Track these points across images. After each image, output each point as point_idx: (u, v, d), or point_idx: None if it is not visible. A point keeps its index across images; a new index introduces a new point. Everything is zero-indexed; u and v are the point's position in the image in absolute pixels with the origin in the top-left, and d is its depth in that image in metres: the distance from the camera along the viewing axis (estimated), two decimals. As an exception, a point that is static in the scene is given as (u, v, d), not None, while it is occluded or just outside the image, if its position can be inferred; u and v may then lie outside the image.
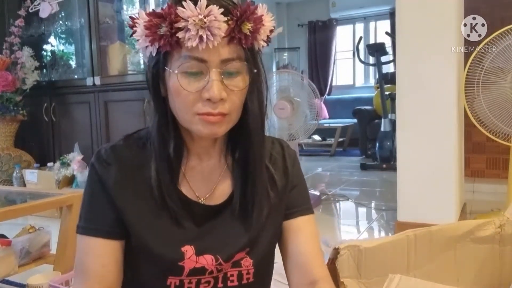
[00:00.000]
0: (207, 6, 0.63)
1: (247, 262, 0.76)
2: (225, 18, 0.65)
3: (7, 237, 1.74)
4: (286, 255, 0.80)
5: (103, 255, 0.72)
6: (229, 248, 0.75)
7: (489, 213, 2.56)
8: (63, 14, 3.79)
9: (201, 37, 0.63)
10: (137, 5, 3.55)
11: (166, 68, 0.68)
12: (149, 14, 0.66)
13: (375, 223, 2.81)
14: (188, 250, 0.72)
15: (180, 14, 0.64)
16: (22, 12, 3.42)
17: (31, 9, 3.46)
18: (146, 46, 0.68)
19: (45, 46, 3.90)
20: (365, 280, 0.65)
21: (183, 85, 0.66)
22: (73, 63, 3.93)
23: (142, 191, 0.73)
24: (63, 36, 3.94)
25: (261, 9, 0.69)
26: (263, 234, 0.77)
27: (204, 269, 0.73)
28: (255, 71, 0.70)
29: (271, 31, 0.72)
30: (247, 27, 0.66)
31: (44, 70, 3.80)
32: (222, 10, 0.64)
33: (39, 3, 3.42)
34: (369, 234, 2.55)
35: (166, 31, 0.65)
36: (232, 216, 0.76)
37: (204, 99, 0.66)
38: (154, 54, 0.69)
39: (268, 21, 0.70)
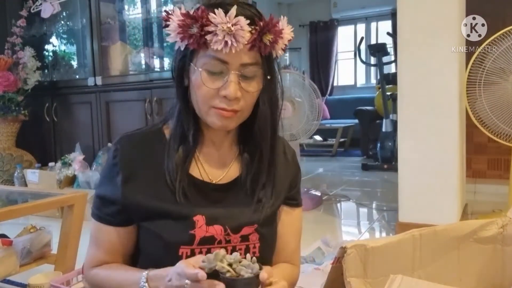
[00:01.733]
0: (236, 16, 0.72)
1: (254, 237, 0.83)
2: (250, 28, 0.74)
3: (8, 237, 1.74)
4: None
5: (110, 237, 0.84)
6: (237, 219, 0.82)
7: (490, 213, 2.55)
8: (64, 15, 3.79)
9: (226, 42, 0.72)
10: (139, 5, 3.56)
11: (191, 64, 0.78)
12: (183, 15, 0.75)
13: (376, 224, 2.81)
14: (199, 219, 0.80)
15: (211, 19, 0.72)
16: (24, 13, 3.43)
17: (33, 9, 3.46)
18: (176, 42, 0.78)
19: (46, 46, 3.91)
20: (371, 280, 0.65)
21: (204, 82, 0.75)
22: (74, 63, 3.93)
23: (156, 175, 0.81)
24: (64, 36, 3.95)
25: (282, 22, 0.78)
26: (269, 213, 0.85)
27: (213, 238, 0.80)
28: (269, 77, 0.79)
29: (289, 40, 0.81)
30: (268, 38, 0.75)
31: (46, 70, 3.81)
32: (248, 21, 0.73)
33: (40, 4, 3.43)
34: (370, 234, 2.54)
35: (196, 32, 0.74)
36: (241, 193, 0.85)
37: (221, 96, 0.75)
38: (182, 49, 0.78)
39: (287, 33, 0.79)
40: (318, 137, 6.17)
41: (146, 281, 0.73)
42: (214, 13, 0.72)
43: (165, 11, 0.79)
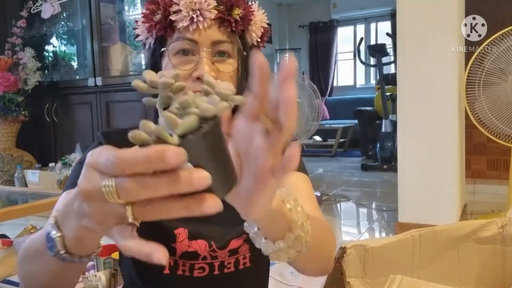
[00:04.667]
0: None
1: (244, 248, 0.75)
2: (215, 3, 0.68)
3: (8, 237, 1.74)
4: None
5: None
6: (224, 235, 0.73)
7: (490, 214, 2.56)
8: (65, 15, 3.80)
9: (192, 18, 0.66)
10: (139, 5, 3.56)
11: (162, 54, 0.70)
12: (147, 4, 0.71)
13: (376, 224, 2.81)
14: (181, 233, 0.71)
15: None
16: (24, 13, 3.43)
17: (33, 10, 3.47)
18: (146, 38, 0.72)
19: (47, 47, 3.91)
20: (370, 280, 0.66)
21: (175, 65, 0.68)
22: (74, 64, 3.94)
23: None
24: (65, 37, 3.95)
25: (253, 4, 0.73)
26: None
27: (197, 254, 0.72)
28: (245, 53, 0.71)
29: (266, 29, 0.74)
30: (237, 12, 0.69)
31: (46, 71, 3.81)
32: None
33: (41, 4, 3.43)
34: (370, 234, 2.55)
35: (160, 16, 0.68)
36: (230, 205, 0.74)
37: (194, 78, 0.67)
38: (152, 44, 0.72)
39: (259, 14, 0.73)
40: (317, 138, 6.17)
41: (55, 221, 0.45)
42: None
43: (135, 20, 0.74)
